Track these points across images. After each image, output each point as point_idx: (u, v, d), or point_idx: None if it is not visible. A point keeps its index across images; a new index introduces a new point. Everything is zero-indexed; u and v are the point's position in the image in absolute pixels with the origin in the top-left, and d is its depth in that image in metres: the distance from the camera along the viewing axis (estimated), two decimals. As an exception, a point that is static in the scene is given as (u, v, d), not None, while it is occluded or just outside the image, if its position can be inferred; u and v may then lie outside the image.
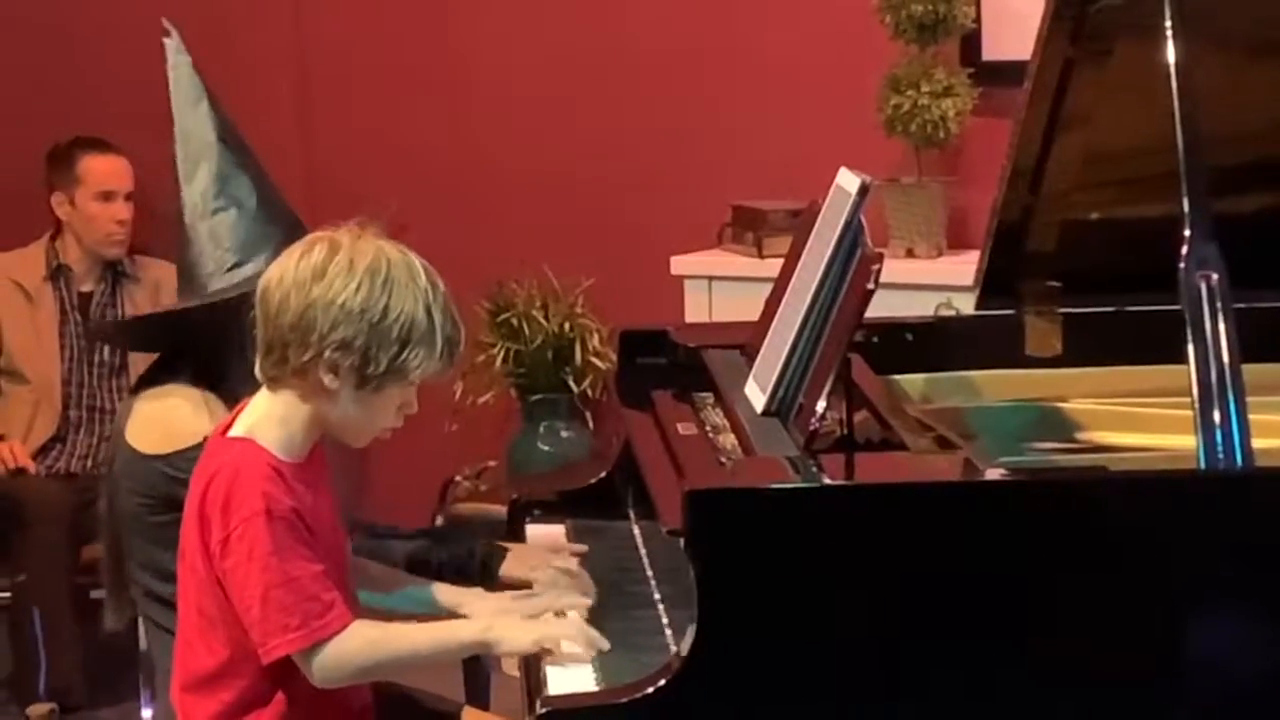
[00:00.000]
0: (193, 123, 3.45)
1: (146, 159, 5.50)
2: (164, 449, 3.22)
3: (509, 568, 3.18)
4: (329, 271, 2.71)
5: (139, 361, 5.30)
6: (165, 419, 3.21)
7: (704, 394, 3.32)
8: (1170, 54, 2.82)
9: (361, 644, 2.76)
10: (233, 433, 2.81)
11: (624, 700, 2.54)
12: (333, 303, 2.70)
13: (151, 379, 3.38)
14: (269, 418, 2.79)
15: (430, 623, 2.92)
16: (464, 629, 2.88)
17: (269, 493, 2.71)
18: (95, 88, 5.88)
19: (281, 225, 3.32)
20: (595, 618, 2.90)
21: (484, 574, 3.18)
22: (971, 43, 4.90)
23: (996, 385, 3.37)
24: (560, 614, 2.91)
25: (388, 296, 2.71)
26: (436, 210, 5.54)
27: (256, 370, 2.80)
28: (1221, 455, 2.60)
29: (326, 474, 2.90)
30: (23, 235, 5.50)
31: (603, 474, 3.48)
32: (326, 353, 2.71)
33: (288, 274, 2.73)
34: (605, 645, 2.80)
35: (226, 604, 2.74)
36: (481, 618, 2.92)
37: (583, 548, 3.27)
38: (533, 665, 2.82)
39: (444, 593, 3.09)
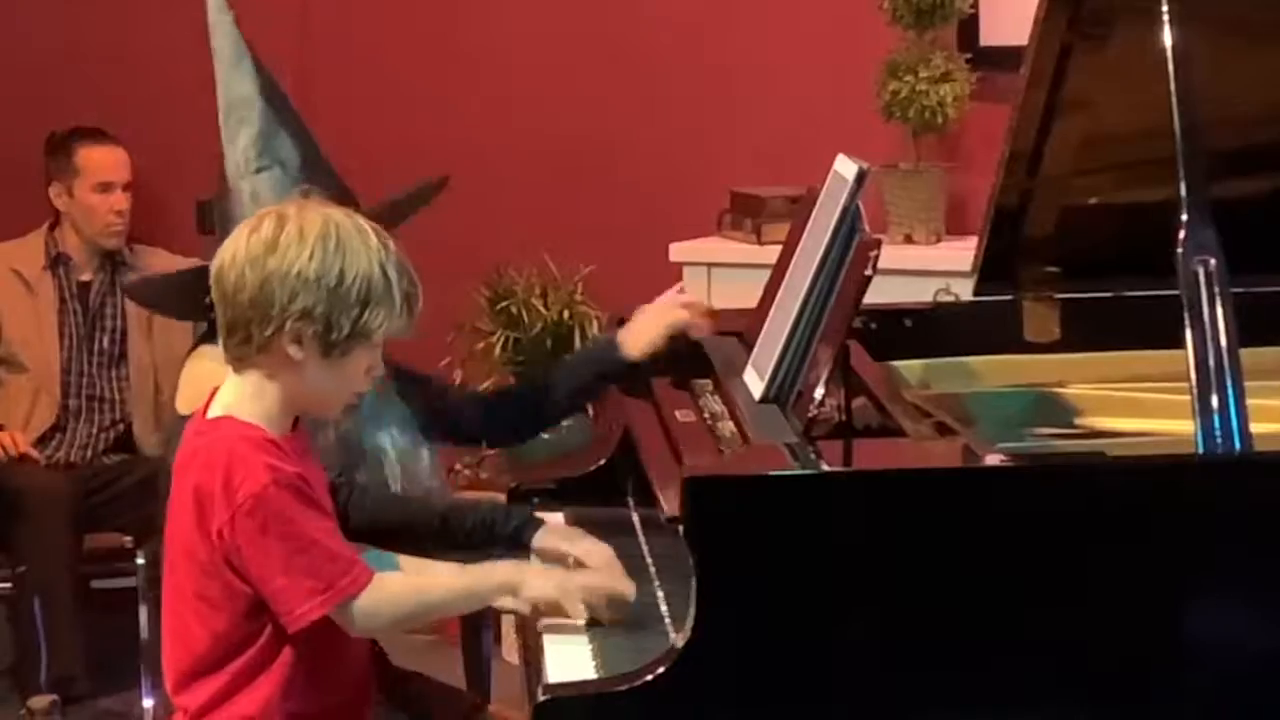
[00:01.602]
0: (235, 81, 3.43)
1: (144, 148, 5.51)
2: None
3: (544, 540, 3.08)
4: (280, 243, 2.71)
5: (138, 350, 5.32)
6: (203, 381, 3.16)
7: (703, 381, 3.32)
8: (1168, 38, 2.82)
9: (396, 591, 2.79)
10: (211, 414, 2.80)
11: (623, 687, 2.54)
12: (289, 273, 2.70)
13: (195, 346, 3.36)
14: (243, 398, 2.78)
15: (459, 566, 2.93)
16: (493, 571, 2.90)
17: (271, 463, 2.71)
18: (92, 76, 5.88)
19: (324, 185, 3.29)
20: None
21: (513, 541, 3.11)
22: (969, 28, 4.90)
23: (995, 371, 3.37)
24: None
25: (342, 260, 2.71)
26: (436, 197, 5.54)
27: (221, 351, 2.79)
28: (1220, 440, 2.60)
29: (311, 448, 2.89)
30: (22, 224, 5.49)
31: (602, 461, 3.48)
32: (288, 324, 2.71)
33: (240, 252, 2.73)
34: (631, 595, 2.83)
35: (233, 585, 2.73)
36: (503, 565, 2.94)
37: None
38: (533, 651, 2.82)
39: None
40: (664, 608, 2.91)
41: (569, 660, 2.75)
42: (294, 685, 2.78)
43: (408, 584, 2.85)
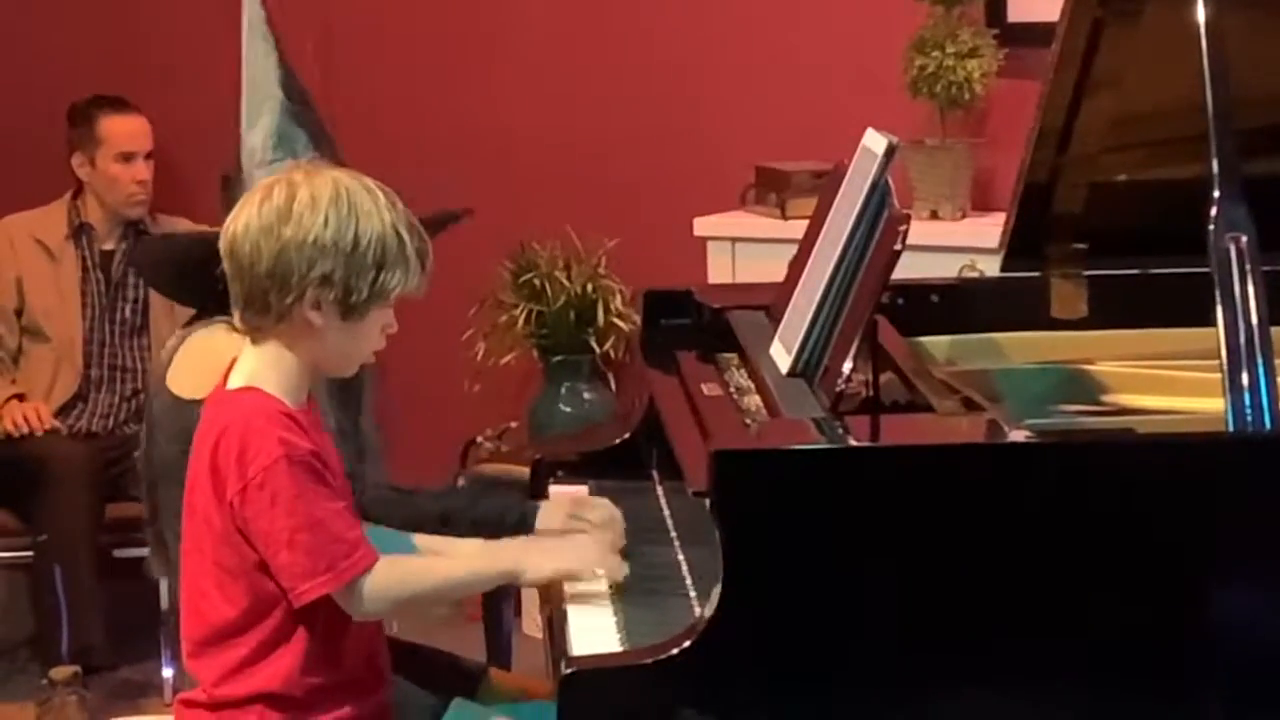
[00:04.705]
0: (261, 71, 3.51)
1: (166, 117, 5.51)
2: (202, 393, 3.20)
3: (544, 520, 3.15)
4: (294, 211, 2.71)
5: (160, 320, 5.31)
6: (205, 362, 3.19)
7: (728, 355, 3.31)
8: (1200, 14, 2.80)
9: (397, 576, 2.78)
10: (232, 384, 2.81)
11: (649, 661, 2.54)
12: (305, 241, 2.71)
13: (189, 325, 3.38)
14: (262, 367, 2.79)
15: (476, 544, 2.95)
16: (492, 557, 2.91)
17: (285, 438, 2.71)
18: (114, 45, 5.88)
19: None
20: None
21: (518, 529, 3.15)
22: (997, 3, 4.89)
23: (1022, 347, 3.36)
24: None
25: (355, 223, 2.72)
26: (459, 171, 5.53)
27: (238, 323, 2.80)
28: (1250, 417, 2.59)
29: (320, 419, 2.90)
30: (45, 194, 5.50)
31: (625, 435, 3.47)
32: (308, 291, 2.72)
33: (252, 222, 2.73)
34: (624, 572, 2.85)
35: (248, 554, 2.74)
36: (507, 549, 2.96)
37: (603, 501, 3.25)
38: (557, 625, 2.82)
39: (466, 545, 3.07)
40: (689, 581, 2.90)
41: (593, 633, 2.74)
42: (314, 657, 2.79)
43: (410, 570, 2.84)
